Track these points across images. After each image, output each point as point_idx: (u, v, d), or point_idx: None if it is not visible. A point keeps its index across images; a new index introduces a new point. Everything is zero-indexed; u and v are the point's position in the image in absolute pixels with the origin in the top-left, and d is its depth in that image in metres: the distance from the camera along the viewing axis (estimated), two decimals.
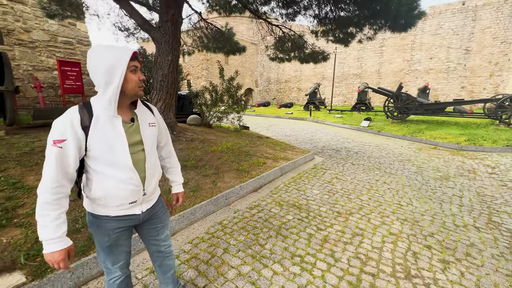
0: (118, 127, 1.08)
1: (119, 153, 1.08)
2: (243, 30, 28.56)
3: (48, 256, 0.99)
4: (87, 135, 1.01)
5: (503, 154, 6.00)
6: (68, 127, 0.98)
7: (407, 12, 4.65)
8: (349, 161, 5.47)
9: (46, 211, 0.96)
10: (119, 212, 1.15)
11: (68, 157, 0.99)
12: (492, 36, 16.62)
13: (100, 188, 1.08)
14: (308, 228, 2.64)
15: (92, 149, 1.03)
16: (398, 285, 1.87)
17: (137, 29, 7.80)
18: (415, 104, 10.12)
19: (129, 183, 1.12)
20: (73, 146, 0.98)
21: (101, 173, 1.07)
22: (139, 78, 1.10)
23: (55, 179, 0.96)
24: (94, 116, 1.02)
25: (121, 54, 1.02)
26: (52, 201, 0.96)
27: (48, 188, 0.96)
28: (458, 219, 2.91)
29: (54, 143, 0.96)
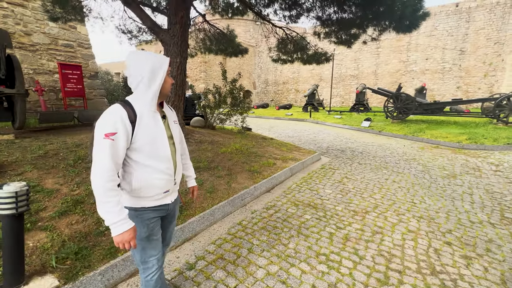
0: (159, 122, 1.21)
1: (160, 145, 1.20)
2: (240, 32, 28.66)
3: (118, 237, 1.06)
4: (134, 128, 1.11)
5: (505, 152, 6.12)
6: (118, 121, 1.06)
7: (412, 13, 4.74)
8: (356, 161, 5.52)
9: (109, 197, 1.03)
10: (154, 202, 1.25)
11: (119, 148, 1.07)
12: (486, 37, 16.97)
13: (140, 179, 1.17)
14: (327, 227, 2.66)
15: (137, 141, 1.12)
16: (426, 281, 1.89)
17: (139, 32, 7.78)
18: (415, 104, 10.26)
19: (166, 173, 1.23)
20: (123, 138, 1.07)
21: (141, 164, 1.16)
22: (171, 82, 1.29)
23: (111, 168, 1.04)
24: (138, 111, 1.13)
25: (163, 60, 1.19)
26: (112, 187, 1.04)
27: (107, 177, 1.03)
28: (472, 216, 2.97)
29: (106, 136, 1.04)
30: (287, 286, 1.82)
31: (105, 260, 1.84)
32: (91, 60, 10.38)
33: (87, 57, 10.18)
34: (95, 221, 2.24)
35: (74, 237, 2.01)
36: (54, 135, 4.32)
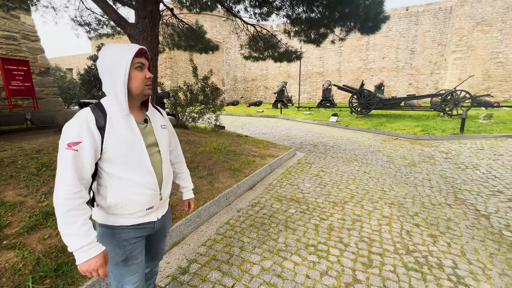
0: (133, 127, 1.04)
1: (137, 154, 1.03)
2: (207, 28, 27.88)
3: (84, 266, 0.90)
4: (103, 136, 0.96)
5: (451, 141, 6.98)
6: (83, 128, 0.93)
7: (375, 15, 5.12)
8: (329, 154, 5.83)
9: (72, 218, 0.88)
10: (135, 220, 1.08)
11: (84, 160, 0.93)
12: (431, 39, 19.00)
13: (116, 194, 1.01)
14: (312, 219, 2.79)
15: (109, 150, 0.97)
16: (403, 260, 2.11)
17: (99, 25, 7.16)
18: (376, 99, 11.12)
19: (147, 187, 1.06)
20: (89, 148, 0.93)
21: (117, 177, 1.01)
22: (146, 76, 1.04)
23: (74, 184, 0.90)
24: (108, 115, 0.99)
25: (125, 52, 0.99)
26: (76, 206, 0.89)
27: (68, 195, 0.89)
28: (432, 199, 3.36)
29: (68, 146, 0.90)
30: (283, 278, 1.89)
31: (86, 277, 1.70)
32: (40, 55, 9.25)
33: (34, 51, 9.05)
34: None
35: (49, 253, 1.82)
36: (5, 141, 3.80)
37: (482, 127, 7.93)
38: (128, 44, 1.00)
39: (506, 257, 2.15)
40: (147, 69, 1.06)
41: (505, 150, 5.55)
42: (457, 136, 7.25)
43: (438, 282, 1.86)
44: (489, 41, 16.37)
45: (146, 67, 1.05)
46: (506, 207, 3.06)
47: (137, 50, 1.00)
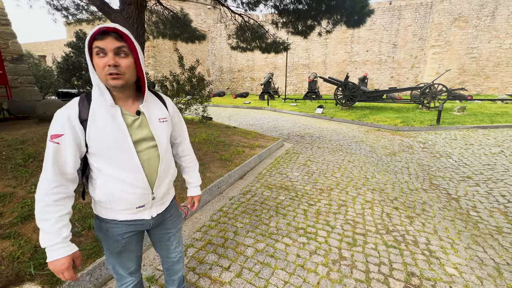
0: (118, 119, 0.94)
1: (122, 150, 0.94)
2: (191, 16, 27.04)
3: (51, 264, 0.88)
4: (85, 129, 0.90)
5: (428, 132, 7.42)
6: (65, 121, 0.88)
7: (360, 9, 5.25)
8: (315, 145, 6.03)
9: (46, 214, 0.86)
10: (126, 216, 1.04)
11: (65, 154, 0.89)
12: (412, 33, 19.63)
13: (103, 190, 0.96)
14: (301, 205, 2.95)
15: (92, 144, 0.91)
16: (383, 239, 2.32)
17: (78, 9, 6.81)
18: (360, 92, 11.47)
19: (135, 186, 0.98)
20: (70, 142, 0.88)
21: (104, 173, 0.96)
22: (108, 63, 0.86)
23: (53, 179, 0.87)
24: (91, 107, 0.91)
25: (88, 35, 0.86)
26: (52, 202, 0.86)
27: (46, 190, 0.86)
28: (410, 185, 3.63)
29: (51, 138, 0.87)
30: (276, 258, 2.03)
31: (90, 260, 1.76)
32: (11, 40, 8.64)
33: (5, 35, 8.44)
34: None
35: None
36: None
37: (456, 119, 8.46)
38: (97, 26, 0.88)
39: (471, 233, 2.42)
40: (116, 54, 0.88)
41: (475, 140, 6.01)
42: (434, 127, 7.71)
43: (413, 257, 2.08)
44: (465, 37, 17.19)
45: (110, 50, 0.87)
46: (474, 191, 3.38)
47: (93, 32, 0.85)
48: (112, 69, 0.87)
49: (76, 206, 2.25)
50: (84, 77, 8.90)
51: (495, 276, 1.87)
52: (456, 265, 1.98)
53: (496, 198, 3.15)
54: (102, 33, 0.85)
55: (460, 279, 1.84)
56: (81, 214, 2.18)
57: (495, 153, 4.97)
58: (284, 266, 1.94)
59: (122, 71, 0.89)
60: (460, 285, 1.79)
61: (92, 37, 0.85)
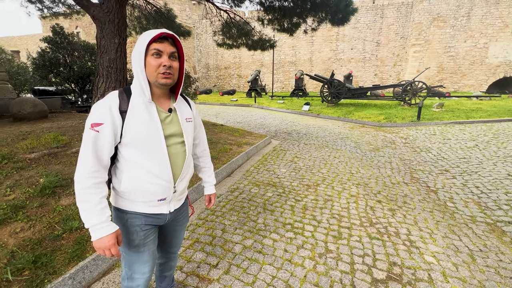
0: (153, 114, 1.02)
1: (154, 142, 1.02)
2: (176, 11, 26.39)
3: (97, 243, 0.94)
4: (124, 120, 0.98)
5: (409, 128, 7.71)
6: (106, 111, 0.95)
7: (344, 7, 5.34)
8: (302, 141, 6.11)
9: (88, 196, 0.93)
10: (147, 209, 1.09)
11: (104, 141, 0.95)
12: (394, 32, 20.21)
13: (130, 180, 1.01)
14: (288, 201, 2.99)
15: (128, 134, 0.98)
16: (367, 231, 2.40)
17: (54, 3, 6.47)
18: (345, 89, 11.70)
19: (161, 177, 1.04)
20: (109, 130, 0.95)
21: (133, 162, 1.01)
22: (161, 64, 0.97)
23: (93, 164, 0.94)
24: (131, 100, 1.00)
25: (146, 36, 0.96)
26: (93, 185, 0.94)
27: (86, 173, 0.93)
28: (392, 179, 3.77)
29: (91, 127, 0.93)
30: (264, 254, 2.05)
31: (72, 263, 1.70)
32: None
33: None
34: (45, 226, 1.98)
35: (24, 246, 1.76)
36: None
37: (435, 115, 8.84)
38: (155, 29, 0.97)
39: (448, 223, 2.55)
40: (170, 57, 1.00)
41: (452, 135, 6.31)
42: (415, 123, 8.02)
43: (395, 247, 2.17)
44: (443, 36, 17.92)
45: (166, 53, 0.98)
46: (450, 183, 3.56)
47: (154, 35, 0.95)
48: (166, 68, 0.98)
49: (56, 209, 2.16)
50: (62, 74, 8.50)
51: (469, 262, 1.99)
52: (434, 254, 2.09)
53: (470, 190, 3.33)
54: (162, 38, 0.97)
55: (437, 267, 1.94)
56: (61, 216, 2.10)
57: (470, 147, 5.25)
58: (271, 261, 1.97)
59: (173, 72, 1.01)
60: (438, 272, 1.89)
61: (152, 40, 0.95)
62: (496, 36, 17.01)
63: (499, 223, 2.56)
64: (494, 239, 2.30)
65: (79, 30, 21.39)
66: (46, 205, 2.16)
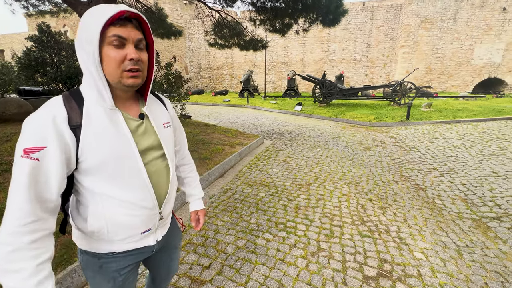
0: (120, 125, 0.75)
1: (126, 163, 0.75)
2: (167, 11, 26.07)
3: None
4: (78, 138, 0.69)
5: (399, 127, 7.87)
6: (49, 127, 0.65)
7: (335, 9, 5.42)
8: (294, 141, 6.15)
9: (16, 263, 0.59)
10: (127, 246, 0.83)
11: (47, 174, 0.65)
12: (384, 34, 20.60)
13: (99, 217, 0.75)
14: (281, 201, 3.00)
15: (87, 159, 0.70)
16: (358, 229, 2.44)
17: (40, 0, 6.31)
18: (336, 89, 11.84)
19: (142, 206, 0.80)
20: (57, 156, 0.65)
21: (100, 195, 0.74)
22: (126, 57, 0.70)
23: (28, 211, 0.61)
24: (84, 109, 0.71)
25: (97, 16, 0.66)
26: (26, 245, 0.61)
27: (16, 227, 0.60)
28: (383, 177, 3.83)
29: (25, 153, 0.62)
30: (256, 254, 2.05)
31: (60, 268, 1.66)
32: None
33: None
34: None
35: None
36: None
37: (423, 114, 9.05)
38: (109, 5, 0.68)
39: (436, 220, 2.62)
40: (136, 46, 0.72)
41: (440, 134, 6.47)
42: (404, 122, 8.19)
43: (385, 244, 2.21)
44: (431, 38, 18.39)
45: (131, 42, 0.71)
46: (438, 181, 3.65)
47: (110, 14, 0.65)
48: (133, 63, 0.71)
49: None
50: (49, 74, 8.27)
51: (456, 258, 2.05)
52: (423, 250, 2.14)
53: (457, 187, 3.43)
54: (124, 19, 0.68)
55: (426, 263, 1.98)
56: None
57: (457, 145, 5.40)
58: (264, 261, 1.97)
59: (142, 67, 0.74)
60: (427, 268, 1.93)
61: (108, 21, 0.65)
62: (480, 38, 17.58)
63: (484, 219, 2.64)
64: (479, 234, 2.37)
65: (67, 29, 20.89)
66: None
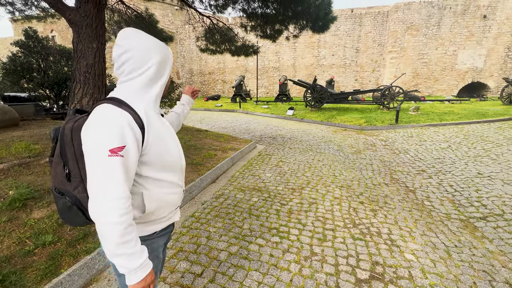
0: (166, 124, 1.00)
1: (174, 152, 0.99)
2: (158, 16, 26.00)
3: (140, 284, 0.81)
4: (143, 136, 0.86)
5: (389, 130, 8.04)
6: (126, 129, 0.79)
7: (324, 15, 5.53)
8: (287, 146, 6.18)
9: (127, 236, 0.77)
10: (165, 223, 1.01)
11: (131, 166, 0.82)
12: (372, 39, 21.15)
13: (153, 199, 0.92)
14: (273, 206, 3.00)
15: (148, 152, 0.87)
16: (351, 233, 2.45)
17: (26, 5, 6.19)
18: (327, 94, 12.02)
19: (179, 185, 1.02)
20: (134, 152, 0.82)
21: (153, 180, 0.92)
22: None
23: (127, 195, 0.79)
24: (142, 113, 0.87)
25: (169, 50, 0.98)
26: (131, 221, 0.80)
27: (123, 209, 0.77)
28: (374, 180, 3.89)
29: (113, 152, 0.76)
30: (249, 260, 2.03)
31: (45, 280, 1.59)
32: None
33: None
34: (15, 241, 1.85)
35: None
36: None
37: (411, 118, 9.28)
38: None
39: (426, 221, 2.67)
40: None
41: (428, 137, 6.64)
42: (393, 126, 8.37)
43: (377, 247, 2.23)
44: (417, 44, 18.99)
45: None
46: (427, 183, 3.73)
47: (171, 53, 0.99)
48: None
49: (27, 223, 2.03)
50: (36, 80, 8.08)
51: (446, 258, 2.08)
52: (414, 251, 2.17)
53: (445, 188, 3.51)
54: None
55: (417, 264, 2.01)
56: (33, 230, 1.97)
57: (444, 148, 5.55)
58: (257, 267, 1.95)
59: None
60: (417, 269, 1.96)
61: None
62: (463, 44, 18.29)
63: (471, 219, 2.71)
64: (467, 234, 2.43)
65: (55, 34, 20.53)
66: (16, 219, 2.02)
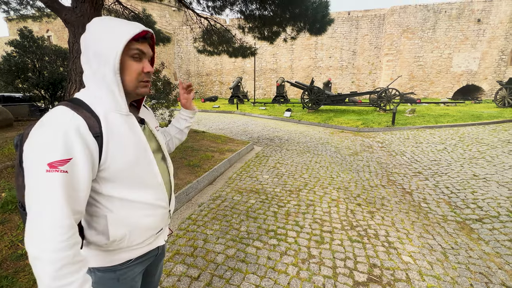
0: (137, 130, 0.79)
1: (145, 166, 0.80)
2: (155, 17, 26.04)
3: None
4: (101, 146, 0.69)
5: (385, 132, 8.09)
6: (73, 138, 0.63)
7: (321, 18, 5.56)
8: (284, 147, 6.18)
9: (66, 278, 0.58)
10: (143, 250, 0.85)
11: (79, 185, 0.65)
12: (369, 42, 21.34)
13: (121, 224, 0.76)
14: (271, 208, 2.99)
15: (110, 166, 0.71)
16: (348, 235, 2.45)
17: (21, 5, 6.14)
18: (324, 96, 12.08)
19: (159, 205, 0.84)
20: (85, 165, 0.65)
21: (120, 200, 0.75)
22: (144, 70, 0.78)
23: (69, 224, 0.61)
24: (101, 117, 0.71)
25: (121, 31, 0.72)
26: (72, 258, 0.60)
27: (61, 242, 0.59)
28: (371, 182, 3.90)
29: (52, 167, 0.60)
30: (247, 263, 2.02)
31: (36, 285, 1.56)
32: None
33: None
34: (7, 245, 1.81)
35: None
36: None
37: (408, 120, 9.36)
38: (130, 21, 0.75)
39: (423, 223, 2.68)
40: (149, 61, 0.82)
41: (424, 139, 6.69)
42: (390, 128, 8.43)
43: (375, 249, 2.23)
44: (413, 47, 19.21)
45: (147, 57, 0.80)
46: (424, 185, 3.75)
47: (137, 32, 0.72)
48: (146, 76, 0.80)
49: (20, 225, 1.99)
50: (31, 80, 7.99)
51: (443, 260, 2.09)
52: (411, 253, 2.17)
53: (441, 190, 3.53)
54: (144, 37, 0.78)
55: (414, 266, 2.01)
56: None
57: (440, 150, 5.59)
58: (255, 270, 1.94)
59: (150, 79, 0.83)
60: (415, 271, 1.96)
61: (135, 37, 0.74)
62: (458, 47, 18.53)
63: (467, 221, 2.72)
64: (463, 236, 2.44)
65: (51, 34, 20.36)
66: (8, 222, 1.98)
